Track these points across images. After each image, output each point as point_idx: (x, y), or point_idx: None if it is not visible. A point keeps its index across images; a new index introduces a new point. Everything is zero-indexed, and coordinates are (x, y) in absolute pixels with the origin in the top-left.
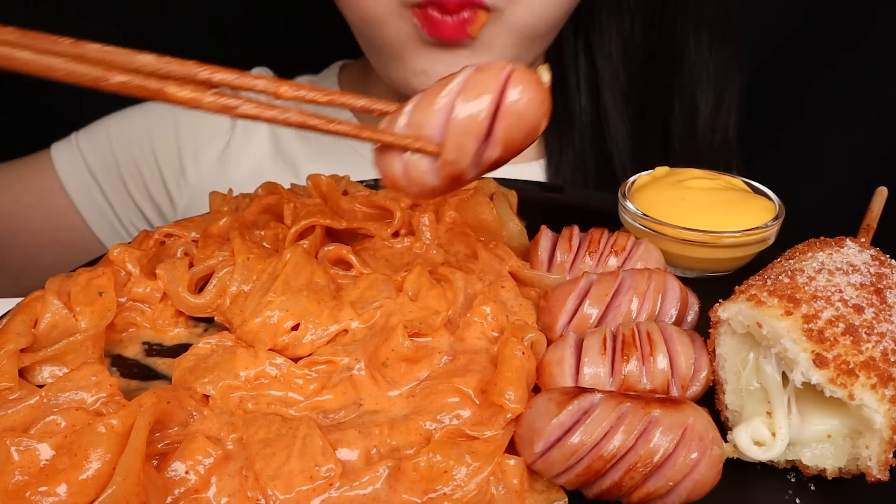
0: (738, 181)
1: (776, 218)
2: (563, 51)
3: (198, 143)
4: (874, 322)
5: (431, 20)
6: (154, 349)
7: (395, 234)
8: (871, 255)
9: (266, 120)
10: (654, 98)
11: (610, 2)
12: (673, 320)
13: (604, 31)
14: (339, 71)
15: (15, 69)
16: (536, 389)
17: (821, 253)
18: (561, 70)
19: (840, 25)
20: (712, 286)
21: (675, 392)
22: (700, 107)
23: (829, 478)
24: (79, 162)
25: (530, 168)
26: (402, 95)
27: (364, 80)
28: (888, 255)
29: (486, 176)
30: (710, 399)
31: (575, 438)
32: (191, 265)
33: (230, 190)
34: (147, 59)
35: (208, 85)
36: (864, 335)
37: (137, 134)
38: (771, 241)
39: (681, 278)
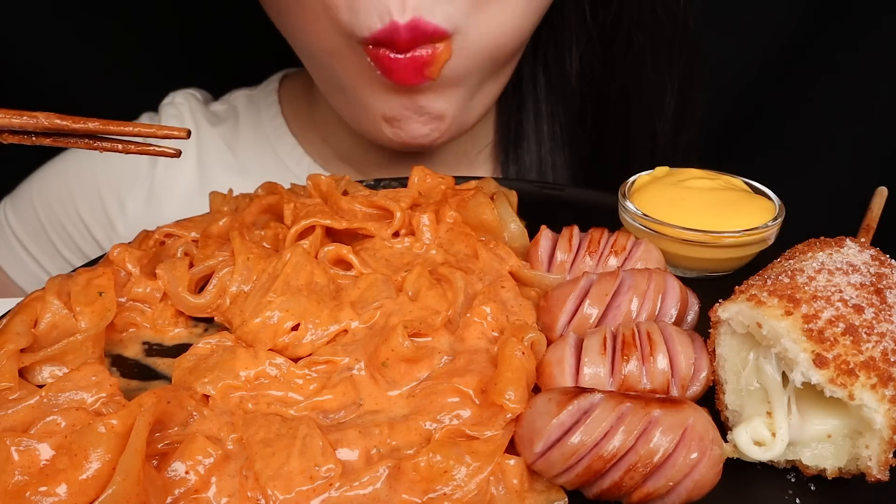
0: (738, 181)
1: (776, 218)
2: (521, 72)
3: (121, 195)
4: (874, 322)
5: (384, 60)
6: (154, 349)
7: (395, 234)
8: (871, 255)
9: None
10: (613, 120)
11: (571, 20)
12: (673, 320)
13: (563, 49)
14: (279, 86)
15: None
16: (536, 389)
17: (821, 253)
18: (519, 92)
19: (840, 26)
20: (712, 286)
21: (675, 392)
22: (658, 130)
23: (829, 478)
24: (7, 233)
25: None
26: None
27: (308, 94)
28: (888, 255)
29: (484, 176)
30: (710, 399)
31: (575, 438)
32: (191, 265)
33: (230, 190)
34: None
35: None
36: (864, 335)
37: (58, 195)
38: (771, 241)
39: (681, 278)
